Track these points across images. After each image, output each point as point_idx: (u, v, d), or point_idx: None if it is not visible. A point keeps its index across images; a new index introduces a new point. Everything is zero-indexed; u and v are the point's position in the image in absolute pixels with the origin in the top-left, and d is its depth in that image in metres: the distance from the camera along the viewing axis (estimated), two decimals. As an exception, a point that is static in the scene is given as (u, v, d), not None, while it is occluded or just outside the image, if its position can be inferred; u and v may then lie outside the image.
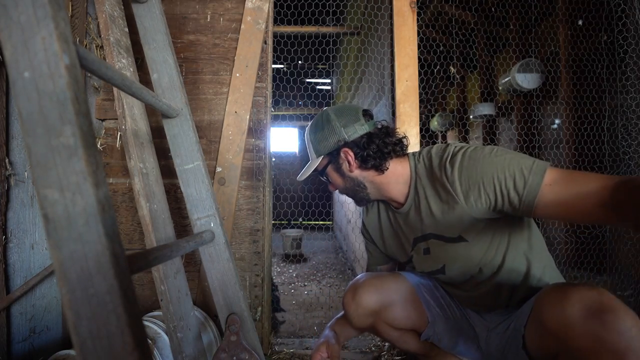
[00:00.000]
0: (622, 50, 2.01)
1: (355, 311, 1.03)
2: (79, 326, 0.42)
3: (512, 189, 0.77)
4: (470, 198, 0.83)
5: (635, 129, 1.94)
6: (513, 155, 0.80)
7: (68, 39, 0.44)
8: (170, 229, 1.21)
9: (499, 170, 0.78)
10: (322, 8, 2.14)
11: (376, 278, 1.07)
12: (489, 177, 0.79)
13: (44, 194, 0.42)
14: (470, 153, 0.84)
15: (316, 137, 0.99)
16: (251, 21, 1.52)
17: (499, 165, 0.79)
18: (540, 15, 3.20)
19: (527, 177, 0.76)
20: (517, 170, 0.77)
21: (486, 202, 0.82)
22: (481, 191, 0.81)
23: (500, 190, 0.79)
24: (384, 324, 1.06)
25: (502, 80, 3.54)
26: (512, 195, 0.77)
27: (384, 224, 1.09)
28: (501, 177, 0.78)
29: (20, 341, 1.42)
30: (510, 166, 0.78)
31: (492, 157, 0.81)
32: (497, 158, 0.80)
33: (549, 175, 0.75)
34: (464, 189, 0.83)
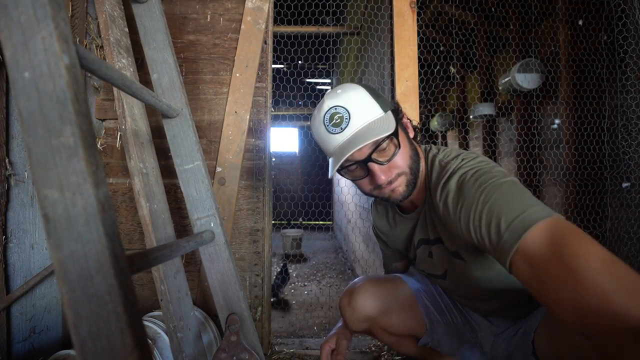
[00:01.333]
0: (622, 50, 2.01)
1: (351, 315, 1.02)
2: (79, 326, 0.42)
3: (487, 241, 0.64)
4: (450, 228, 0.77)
5: (635, 129, 1.94)
6: (499, 197, 0.64)
7: (68, 39, 0.44)
8: (170, 229, 1.21)
9: (476, 215, 0.66)
10: (322, 8, 2.14)
11: (373, 283, 1.05)
12: (465, 220, 0.69)
13: (44, 194, 0.42)
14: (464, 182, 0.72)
15: (375, 93, 0.81)
16: (251, 21, 1.52)
17: (478, 208, 0.66)
18: (540, 15, 3.20)
19: (502, 233, 0.60)
20: (494, 220, 0.62)
21: (464, 239, 0.72)
22: (458, 230, 0.72)
23: (476, 237, 0.67)
24: (380, 329, 1.05)
25: (502, 80, 3.54)
26: (488, 248, 0.65)
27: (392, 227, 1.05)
28: (476, 225, 0.66)
29: (20, 341, 1.42)
30: (489, 213, 0.64)
31: (479, 193, 0.67)
32: (482, 195, 0.66)
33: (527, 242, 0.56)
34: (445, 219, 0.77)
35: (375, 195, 0.83)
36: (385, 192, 0.81)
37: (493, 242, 0.62)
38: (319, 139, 0.82)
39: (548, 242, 0.54)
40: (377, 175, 0.77)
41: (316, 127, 0.82)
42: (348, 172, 0.81)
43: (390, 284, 1.06)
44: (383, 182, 0.78)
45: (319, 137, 0.82)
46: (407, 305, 1.04)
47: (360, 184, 0.83)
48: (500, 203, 0.63)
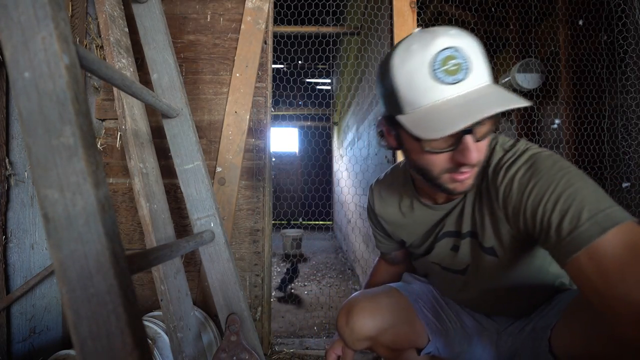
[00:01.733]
0: (622, 50, 2.01)
1: (350, 336, 0.97)
2: (79, 326, 0.42)
3: (555, 227, 0.57)
4: (508, 215, 0.68)
5: (635, 129, 1.94)
6: (584, 184, 0.58)
7: (68, 39, 0.45)
8: (170, 229, 1.21)
9: (552, 195, 0.59)
10: (322, 8, 2.14)
11: (370, 300, 0.99)
12: (536, 199, 0.61)
13: (44, 194, 0.42)
14: (536, 160, 0.65)
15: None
16: (251, 21, 1.52)
17: (557, 188, 0.59)
18: (540, 15, 3.21)
19: (581, 223, 0.54)
20: (575, 206, 0.56)
21: (522, 226, 0.66)
22: (520, 214, 0.64)
23: (542, 221, 0.60)
24: (381, 347, 1.01)
25: (502, 80, 3.54)
26: (552, 236, 0.58)
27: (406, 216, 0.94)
28: (549, 206, 0.59)
29: (20, 341, 1.42)
30: (570, 197, 0.57)
31: (556, 173, 0.60)
32: (562, 177, 0.59)
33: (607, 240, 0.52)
34: (504, 202, 0.68)
35: (440, 181, 0.69)
36: (456, 179, 0.66)
37: (563, 230, 0.56)
38: (407, 83, 0.61)
39: (628, 245, 0.52)
40: (470, 152, 0.61)
41: (412, 66, 0.60)
42: (429, 141, 0.63)
43: (387, 298, 1.01)
44: (472, 162, 0.61)
45: (409, 81, 0.61)
46: (407, 319, 1.00)
47: (434, 162, 0.66)
48: (585, 192, 0.57)
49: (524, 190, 0.63)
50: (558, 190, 0.58)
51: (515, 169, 0.66)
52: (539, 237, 0.62)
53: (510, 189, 0.66)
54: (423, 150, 0.65)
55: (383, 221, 1.00)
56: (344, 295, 2.68)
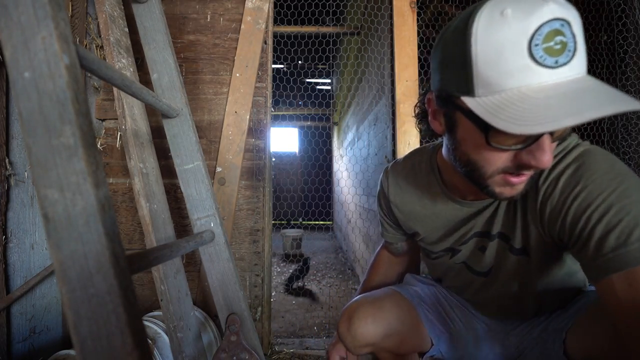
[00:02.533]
0: (622, 50, 2.01)
1: (352, 342, 0.95)
2: (79, 326, 0.42)
3: (595, 240, 0.52)
4: (544, 218, 0.62)
5: (635, 129, 1.94)
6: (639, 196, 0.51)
7: (68, 39, 0.45)
8: (170, 229, 1.21)
9: (602, 205, 0.52)
10: (322, 8, 2.14)
11: (372, 304, 0.97)
12: (581, 206, 0.54)
13: (44, 194, 0.42)
14: (587, 159, 0.57)
15: None
16: (251, 21, 1.52)
17: (608, 197, 0.52)
18: (540, 15, 3.20)
19: (631, 241, 0.48)
20: (626, 219, 0.49)
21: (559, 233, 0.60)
22: (559, 219, 0.58)
23: (582, 230, 0.54)
24: (383, 352, 0.99)
25: (502, 80, 3.53)
26: (590, 250, 0.53)
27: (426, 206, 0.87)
28: (594, 216, 0.52)
29: (20, 341, 1.42)
30: (622, 210, 0.50)
31: (611, 178, 0.53)
32: (616, 186, 0.52)
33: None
34: (544, 201, 0.61)
35: (490, 182, 0.59)
36: (509, 182, 0.57)
37: (606, 246, 0.50)
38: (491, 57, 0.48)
39: None
40: (544, 153, 0.50)
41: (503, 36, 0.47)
42: (496, 132, 0.51)
43: (389, 302, 0.99)
44: (544, 165, 0.51)
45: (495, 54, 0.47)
46: (410, 323, 0.98)
47: (493, 159, 0.55)
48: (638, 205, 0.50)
49: (570, 193, 0.56)
50: (610, 199, 0.51)
51: (562, 166, 0.58)
52: (574, 246, 0.56)
53: (554, 189, 0.58)
54: (486, 144, 0.53)
55: (396, 209, 0.92)
56: (344, 295, 2.68)
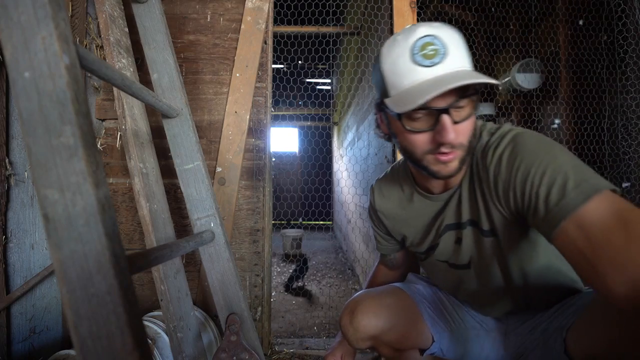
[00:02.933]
0: (622, 50, 2.01)
1: (354, 335, 0.97)
2: (79, 326, 0.42)
3: (543, 198, 0.61)
4: (499, 192, 0.71)
5: (635, 129, 1.94)
6: (568, 158, 0.62)
7: (68, 39, 0.45)
8: (170, 229, 1.21)
9: (539, 169, 0.62)
10: (322, 8, 2.14)
11: (374, 298, 0.99)
12: (524, 173, 0.64)
13: (44, 194, 0.42)
14: (520, 138, 0.68)
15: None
16: (251, 21, 1.52)
17: (542, 162, 0.62)
18: (540, 15, 3.21)
19: (567, 192, 0.58)
20: (560, 177, 0.59)
21: (512, 202, 0.69)
22: (510, 188, 0.68)
23: (530, 194, 0.63)
24: (384, 346, 1.00)
25: (502, 80, 3.54)
26: (540, 207, 0.62)
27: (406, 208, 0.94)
28: (536, 180, 0.62)
29: (20, 341, 1.42)
30: (555, 170, 0.60)
31: (540, 148, 0.64)
32: (546, 152, 0.63)
33: (592, 207, 0.55)
34: (495, 180, 0.71)
35: (425, 163, 0.72)
36: (439, 161, 0.70)
37: (551, 201, 0.59)
38: (391, 68, 0.68)
39: (612, 211, 0.54)
40: (447, 131, 0.65)
41: (394, 55, 0.67)
42: (409, 119, 0.68)
43: (392, 297, 1.01)
44: (451, 141, 0.65)
45: (392, 66, 0.68)
46: (411, 318, 0.99)
47: (417, 142, 0.70)
48: (568, 165, 0.60)
49: (512, 167, 0.67)
50: (544, 164, 0.62)
51: (502, 148, 0.70)
52: (529, 212, 0.65)
53: (499, 168, 0.69)
54: (405, 130, 0.70)
55: (383, 217, 1.00)
56: (344, 295, 2.68)
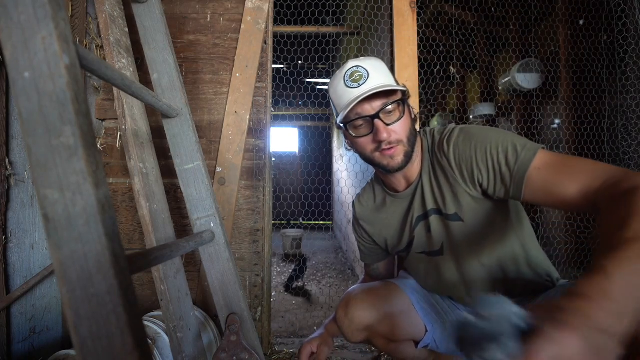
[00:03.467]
0: (622, 50, 2.01)
1: (349, 327, 1.01)
2: (79, 326, 0.42)
3: (504, 164, 0.78)
4: (464, 173, 0.85)
5: (635, 129, 1.94)
6: (507, 133, 0.81)
7: (68, 39, 0.44)
8: (170, 229, 1.21)
9: (492, 144, 0.80)
10: (322, 8, 2.14)
11: (369, 292, 1.03)
12: (482, 151, 0.81)
13: (44, 194, 0.42)
14: (467, 129, 0.86)
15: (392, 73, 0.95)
16: (251, 21, 1.52)
17: (492, 139, 0.80)
18: (540, 15, 3.20)
19: (519, 152, 0.76)
20: (510, 145, 0.78)
21: (479, 178, 0.83)
22: (474, 166, 0.83)
23: (493, 164, 0.80)
24: (379, 338, 1.04)
25: (502, 80, 3.54)
26: (504, 171, 0.78)
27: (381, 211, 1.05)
28: (494, 152, 0.79)
29: (20, 341, 1.42)
30: (504, 141, 0.79)
31: (486, 132, 0.83)
32: (491, 133, 0.82)
33: (540, 157, 0.75)
34: (458, 164, 0.86)
35: (376, 160, 0.89)
36: (385, 155, 0.87)
37: (510, 162, 0.77)
38: (335, 94, 0.91)
39: (553, 155, 0.75)
40: (381, 132, 0.84)
41: (335, 84, 0.90)
42: (354, 128, 0.88)
43: (385, 290, 1.05)
44: (385, 139, 0.85)
45: (335, 93, 0.90)
46: (405, 310, 1.03)
47: (363, 144, 0.89)
48: (509, 137, 0.80)
49: (469, 148, 0.83)
50: (494, 140, 0.80)
51: (454, 138, 0.86)
52: (496, 181, 0.81)
53: (459, 150, 0.85)
54: (353, 137, 0.89)
55: (365, 224, 1.10)
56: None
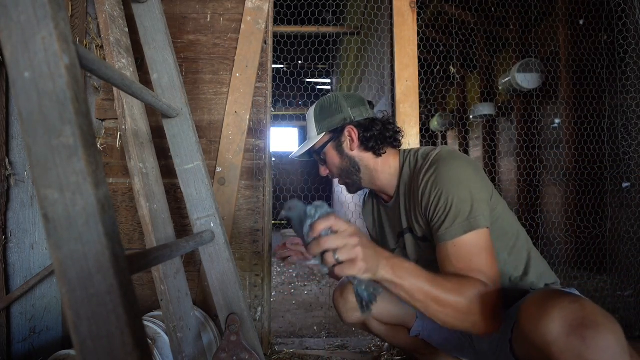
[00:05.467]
0: (622, 50, 2.01)
1: (344, 306, 1.07)
2: (79, 326, 0.42)
3: (439, 222, 0.83)
4: (422, 208, 0.90)
5: (635, 129, 1.94)
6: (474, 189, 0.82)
7: (68, 39, 0.44)
8: (170, 229, 1.21)
9: (448, 200, 0.82)
10: (322, 8, 2.14)
11: None
12: (437, 201, 0.84)
13: (44, 194, 0.42)
14: (441, 169, 0.87)
15: (322, 115, 1.03)
16: (251, 21, 1.52)
17: (453, 195, 0.82)
18: (540, 15, 3.20)
19: (454, 222, 0.80)
20: (457, 209, 0.81)
21: (427, 218, 0.89)
22: (430, 209, 0.86)
23: (433, 216, 0.85)
24: (372, 319, 1.10)
25: (502, 80, 3.54)
26: (436, 227, 0.84)
27: (376, 217, 1.15)
28: (441, 208, 0.83)
29: (20, 341, 1.42)
30: (458, 203, 0.81)
31: (455, 181, 0.84)
32: (458, 186, 0.83)
33: (465, 238, 0.79)
34: (421, 200, 0.90)
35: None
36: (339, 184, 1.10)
37: (443, 226, 0.82)
38: None
39: (477, 245, 0.80)
40: (320, 170, 1.09)
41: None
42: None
43: None
44: (324, 176, 1.10)
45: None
46: None
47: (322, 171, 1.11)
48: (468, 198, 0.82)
49: (433, 192, 0.86)
50: (450, 196, 0.83)
51: (429, 175, 0.89)
52: (432, 226, 0.86)
53: (427, 189, 0.88)
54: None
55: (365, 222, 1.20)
56: (344, 295, 2.67)
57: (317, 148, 1.03)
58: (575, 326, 0.59)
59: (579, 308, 0.61)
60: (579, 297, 0.65)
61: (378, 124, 1.00)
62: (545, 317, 0.63)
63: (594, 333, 0.58)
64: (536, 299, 0.70)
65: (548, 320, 0.62)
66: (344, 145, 1.02)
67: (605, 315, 0.61)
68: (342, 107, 1.01)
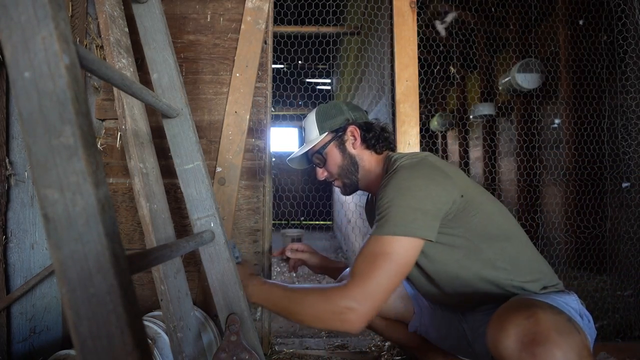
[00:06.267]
0: (622, 50, 2.01)
1: None
2: (79, 326, 0.42)
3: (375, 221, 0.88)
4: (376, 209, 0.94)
5: (635, 129, 1.94)
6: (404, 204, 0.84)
7: (68, 39, 0.44)
8: (170, 229, 1.21)
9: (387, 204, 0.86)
10: (322, 8, 2.14)
11: None
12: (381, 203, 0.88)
13: (44, 194, 0.42)
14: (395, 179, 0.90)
15: (323, 117, 1.09)
16: (251, 21, 1.52)
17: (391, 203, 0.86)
18: (540, 15, 3.20)
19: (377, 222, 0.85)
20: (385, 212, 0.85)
21: None
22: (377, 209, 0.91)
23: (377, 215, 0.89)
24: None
25: (502, 80, 3.54)
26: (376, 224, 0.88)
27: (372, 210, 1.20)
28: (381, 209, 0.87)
29: (20, 341, 1.42)
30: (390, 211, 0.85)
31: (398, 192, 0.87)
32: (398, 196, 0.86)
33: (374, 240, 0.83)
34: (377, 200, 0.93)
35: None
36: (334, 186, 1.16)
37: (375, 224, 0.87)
38: None
39: (376, 248, 0.83)
40: (316, 174, 1.14)
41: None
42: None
43: None
44: (319, 179, 1.14)
45: None
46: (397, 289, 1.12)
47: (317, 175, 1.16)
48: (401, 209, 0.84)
49: (380, 197, 0.90)
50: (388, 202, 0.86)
51: (384, 180, 0.94)
52: None
53: (377, 196, 0.92)
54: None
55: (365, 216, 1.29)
56: (344, 295, 2.67)
57: (319, 148, 1.08)
58: (527, 343, 0.62)
59: (533, 323, 0.64)
60: (537, 311, 0.67)
61: (377, 127, 1.08)
62: (503, 332, 0.66)
63: (543, 350, 0.61)
64: (502, 312, 0.73)
65: (504, 335, 0.66)
66: (346, 144, 1.07)
67: (561, 330, 0.63)
68: (343, 110, 1.08)
